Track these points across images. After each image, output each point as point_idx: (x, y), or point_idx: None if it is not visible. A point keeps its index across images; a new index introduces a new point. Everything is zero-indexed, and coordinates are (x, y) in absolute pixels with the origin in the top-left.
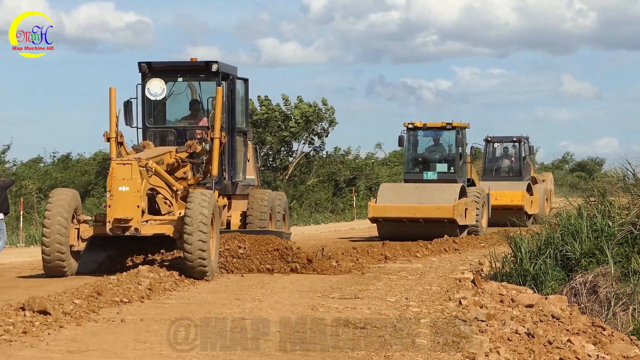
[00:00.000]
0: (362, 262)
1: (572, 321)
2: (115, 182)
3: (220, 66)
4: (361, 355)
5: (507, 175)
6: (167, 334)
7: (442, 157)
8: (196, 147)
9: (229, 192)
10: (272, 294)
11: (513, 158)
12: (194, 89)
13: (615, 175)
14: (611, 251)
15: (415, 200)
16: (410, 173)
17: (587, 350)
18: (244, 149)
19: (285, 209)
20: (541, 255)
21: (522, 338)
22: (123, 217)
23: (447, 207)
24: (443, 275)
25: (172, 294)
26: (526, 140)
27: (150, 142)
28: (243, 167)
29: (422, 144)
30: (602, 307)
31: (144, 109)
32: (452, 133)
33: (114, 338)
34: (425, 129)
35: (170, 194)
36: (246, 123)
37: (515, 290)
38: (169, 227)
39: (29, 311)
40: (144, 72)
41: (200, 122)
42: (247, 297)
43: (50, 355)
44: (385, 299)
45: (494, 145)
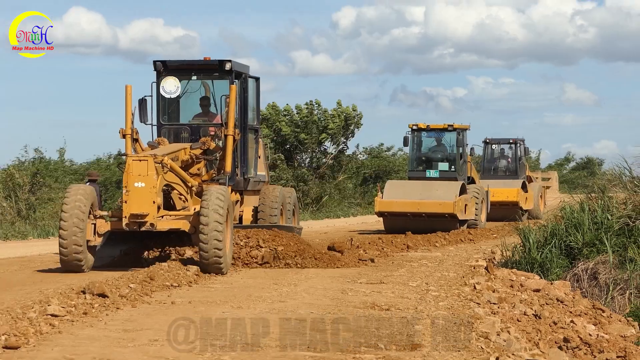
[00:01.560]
0: (387, 251)
1: (575, 304)
2: (131, 178)
3: (233, 65)
4: (386, 333)
5: (504, 174)
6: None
7: (444, 157)
8: (210, 144)
9: (241, 188)
10: (306, 280)
11: (510, 158)
12: (207, 87)
13: (613, 173)
14: (610, 241)
15: (418, 196)
16: (414, 171)
17: (588, 330)
18: (255, 146)
19: (295, 204)
20: (547, 245)
21: (530, 319)
22: (139, 212)
23: (448, 203)
24: (459, 263)
25: (217, 279)
26: (522, 142)
27: (165, 139)
28: (255, 164)
29: (425, 144)
30: (602, 291)
31: (158, 106)
32: (453, 134)
33: (166, 318)
34: (429, 130)
35: (185, 190)
36: (257, 121)
37: (524, 277)
38: (184, 222)
39: (89, 294)
40: (158, 71)
41: (214, 120)
42: (284, 282)
43: (108, 334)
44: (408, 284)
45: (492, 147)
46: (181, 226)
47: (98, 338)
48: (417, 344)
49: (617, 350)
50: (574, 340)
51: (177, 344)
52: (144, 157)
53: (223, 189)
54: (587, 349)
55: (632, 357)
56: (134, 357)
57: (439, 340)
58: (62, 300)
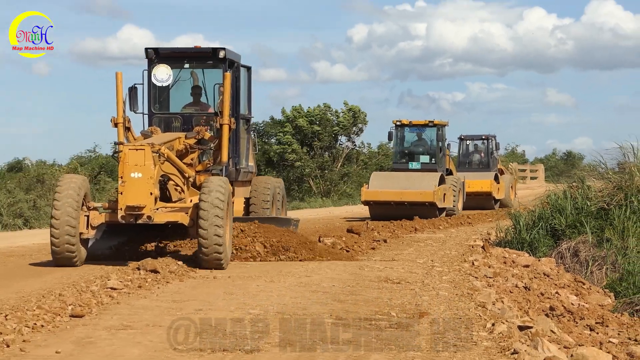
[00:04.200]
0: (397, 233)
1: (559, 278)
2: (127, 168)
3: (227, 52)
4: (398, 302)
5: (478, 167)
6: (248, 289)
7: (424, 150)
8: (205, 134)
9: (232, 178)
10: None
11: (482, 153)
12: (196, 77)
13: (591, 166)
14: (589, 224)
15: (401, 186)
16: (398, 163)
17: (570, 300)
18: (247, 136)
19: (284, 195)
20: (535, 227)
21: (521, 291)
22: (135, 204)
23: (428, 192)
24: (460, 243)
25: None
26: (493, 138)
27: (157, 128)
28: (246, 154)
29: (408, 139)
30: (582, 267)
31: (150, 95)
32: (433, 130)
33: (208, 291)
34: (411, 125)
35: (182, 180)
36: (249, 110)
37: (515, 254)
38: (182, 214)
39: (143, 270)
40: (150, 58)
41: (207, 110)
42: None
43: (159, 304)
44: (416, 261)
45: (467, 143)
46: (179, 219)
47: (151, 307)
48: (424, 312)
49: (596, 317)
50: (558, 308)
51: (219, 310)
52: (141, 146)
53: (224, 181)
54: (570, 316)
55: (608, 322)
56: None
57: (442, 309)
58: (119, 275)
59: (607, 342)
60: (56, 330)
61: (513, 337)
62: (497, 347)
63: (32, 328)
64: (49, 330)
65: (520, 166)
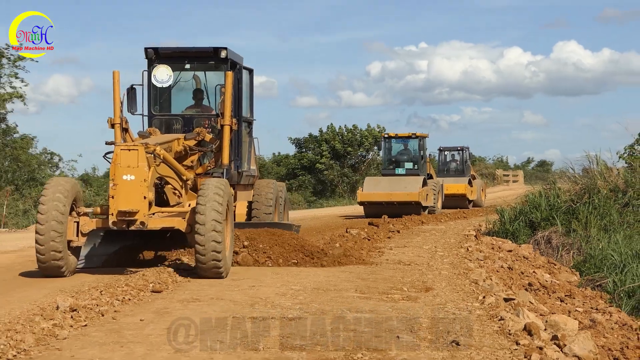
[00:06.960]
0: (408, 225)
1: (535, 260)
2: (119, 170)
3: (228, 53)
4: (409, 280)
5: (455, 173)
6: (290, 272)
7: (409, 158)
8: (205, 135)
9: (234, 182)
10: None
11: (458, 161)
12: (198, 80)
13: (562, 171)
14: (559, 218)
15: (390, 189)
16: (387, 169)
17: (545, 278)
18: (249, 139)
19: (286, 198)
20: (516, 220)
21: (505, 270)
22: (128, 209)
23: (414, 193)
24: (457, 233)
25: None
26: (467, 149)
27: (156, 129)
28: (248, 157)
29: (395, 149)
30: (554, 251)
31: (149, 96)
32: (416, 141)
33: (259, 272)
34: (397, 137)
35: (180, 183)
36: (251, 113)
37: (501, 242)
38: (179, 220)
39: None
40: (150, 59)
41: (210, 112)
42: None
43: (222, 282)
44: (422, 247)
45: (445, 153)
46: (176, 224)
47: (214, 285)
48: (430, 287)
49: (565, 291)
50: (535, 284)
51: (268, 287)
52: (134, 147)
53: (222, 182)
54: (544, 290)
55: (575, 295)
56: (238, 296)
57: (444, 285)
58: (189, 259)
59: (574, 311)
60: (140, 303)
61: (500, 307)
62: (487, 314)
63: (121, 301)
64: (134, 303)
65: (505, 172)
